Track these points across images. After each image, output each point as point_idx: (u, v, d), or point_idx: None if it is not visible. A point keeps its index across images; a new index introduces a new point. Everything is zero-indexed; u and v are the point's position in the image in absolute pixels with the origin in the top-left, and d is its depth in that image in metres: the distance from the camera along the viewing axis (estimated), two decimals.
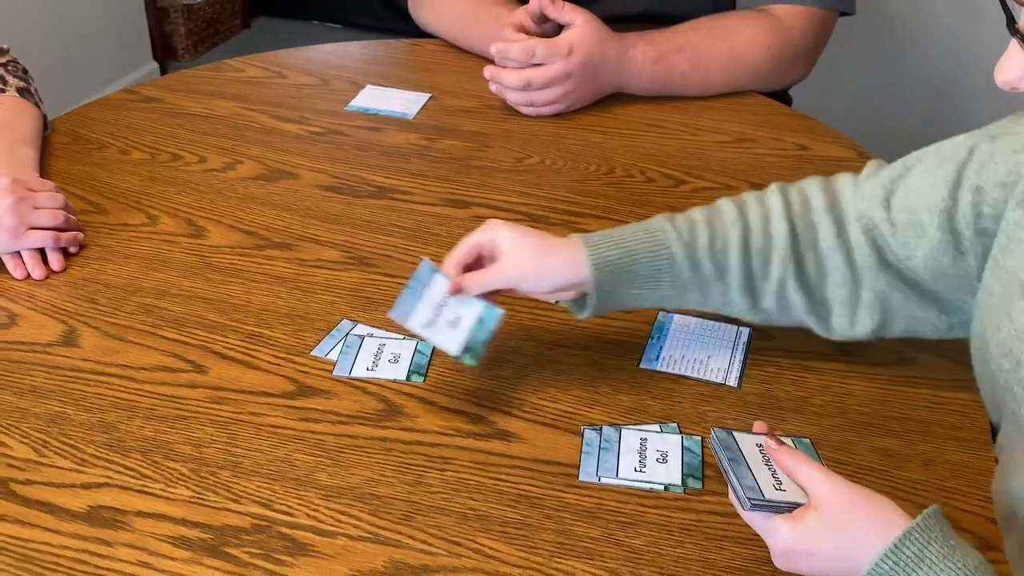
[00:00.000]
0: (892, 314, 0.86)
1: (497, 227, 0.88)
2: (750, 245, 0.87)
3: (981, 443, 0.86)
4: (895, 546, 0.63)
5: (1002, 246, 0.75)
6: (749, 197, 0.91)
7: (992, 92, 0.72)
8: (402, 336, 0.95)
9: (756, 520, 0.69)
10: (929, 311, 0.84)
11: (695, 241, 0.87)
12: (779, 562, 0.69)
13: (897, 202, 0.83)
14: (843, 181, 0.90)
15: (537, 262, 0.86)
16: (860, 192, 0.87)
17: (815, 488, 0.67)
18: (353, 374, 0.91)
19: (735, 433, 0.73)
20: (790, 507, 0.68)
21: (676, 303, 0.90)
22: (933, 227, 0.80)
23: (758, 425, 0.75)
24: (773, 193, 0.90)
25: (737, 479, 0.69)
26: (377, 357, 0.93)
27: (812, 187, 0.90)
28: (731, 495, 0.71)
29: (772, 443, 0.72)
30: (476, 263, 0.88)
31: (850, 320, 0.87)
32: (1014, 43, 0.62)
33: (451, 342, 0.86)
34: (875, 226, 0.85)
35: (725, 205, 0.90)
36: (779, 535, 0.67)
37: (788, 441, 0.73)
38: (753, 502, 0.68)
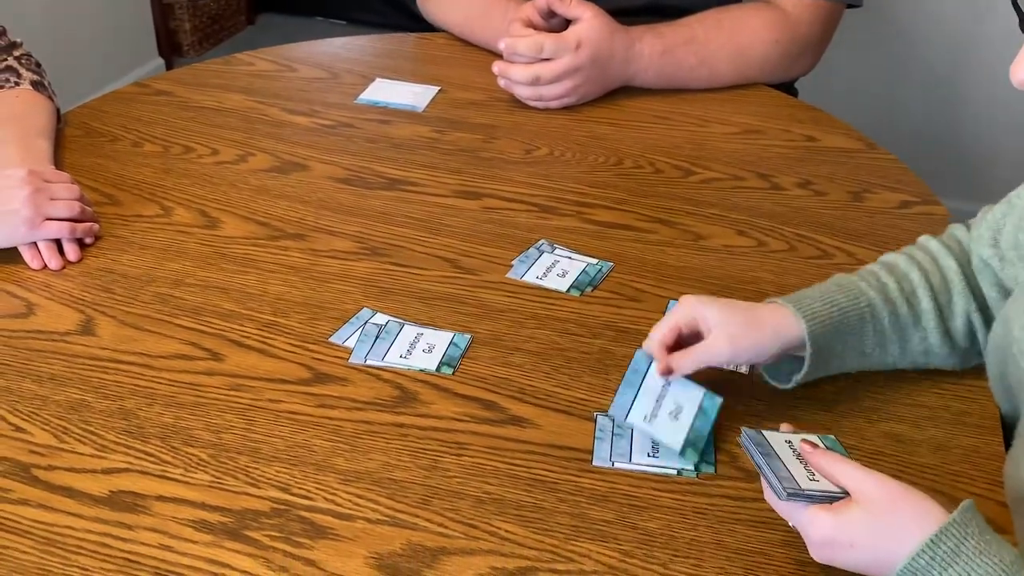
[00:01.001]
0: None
1: (698, 303, 0.85)
2: (932, 283, 0.88)
3: (989, 428, 0.87)
4: (932, 542, 0.64)
5: None
6: (911, 248, 0.93)
7: (994, 84, 0.73)
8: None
9: (793, 512, 0.70)
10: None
11: (885, 287, 0.88)
12: (817, 553, 0.69)
13: (1004, 240, 0.86)
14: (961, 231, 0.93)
15: (748, 330, 0.83)
16: (973, 235, 0.90)
17: (857, 483, 0.68)
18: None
19: (764, 432, 0.75)
20: (825, 497, 0.69)
21: (878, 360, 0.89)
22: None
23: (784, 426, 0.77)
24: (929, 241, 0.93)
25: (772, 471, 0.70)
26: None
27: (959, 230, 0.93)
28: (765, 489, 0.72)
29: (807, 447, 0.73)
30: (678, 343, 0.85)
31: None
32: None
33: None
34: (986, 263, 0.87)
35: (891, 257, 0.92)
36: (819, 525, 0.68)
37: (815, 439, 0.74)
38: (789, 492, 0.68)
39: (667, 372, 0.83)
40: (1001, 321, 0.80)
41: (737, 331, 0.82)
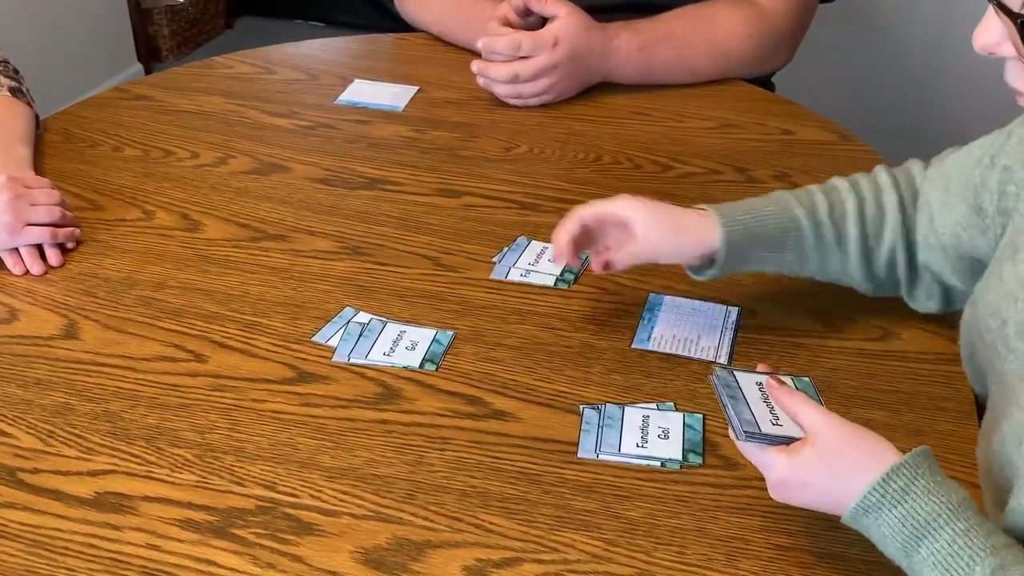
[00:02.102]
0: (950, 289, 0.91)
1: (630, 205, 0.93)
2: (865, 214, 0.92)
3: (965, 412, 0.88)
4: (883, 479, 0.66)
5: (1017, 224, 0.79)
6: (859, 176, 0.96)
7: (971, 75, 0.74)
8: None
9: (752, 452, 0.72)
10: (965, 286, 0.89)
11: (815, 208, 0.92)
12: (774, 492, 0.71)
13: (954, 187, 0.88)
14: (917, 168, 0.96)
15: (672, 238, 0.92)
16: (928, 174, 0.92)
17: (812, 424, 0.70)
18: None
19: (736, 372, 0.76)
20: (785, 440, 0.70)
21: (794, 269, 0.94)
22: (962, 202, 0.84)
23: (761, 366, 0.78)
24: (881, 171, 0.95)
25: (735, 413, 0.72)
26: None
27: (916, 167, 0.95)
28: (729, 429, 0.73)
29: (772, 382, 0.74)
30: (586, 233, 0.94)
31: (927, 292, 0.93)
32: (991, 9, 0.64)
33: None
34: (929, 204, 0.90)
35: (838, 181, 0.95)
36: (776, 466, 0.70)
37: (788, 380, 0.75)
38: (748, 434, 0.70)
39: (604, 267, 0.93)
40: (970, 303, 0.82)
41: (664, 234, 0.92)
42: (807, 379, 0.80)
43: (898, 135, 2.24)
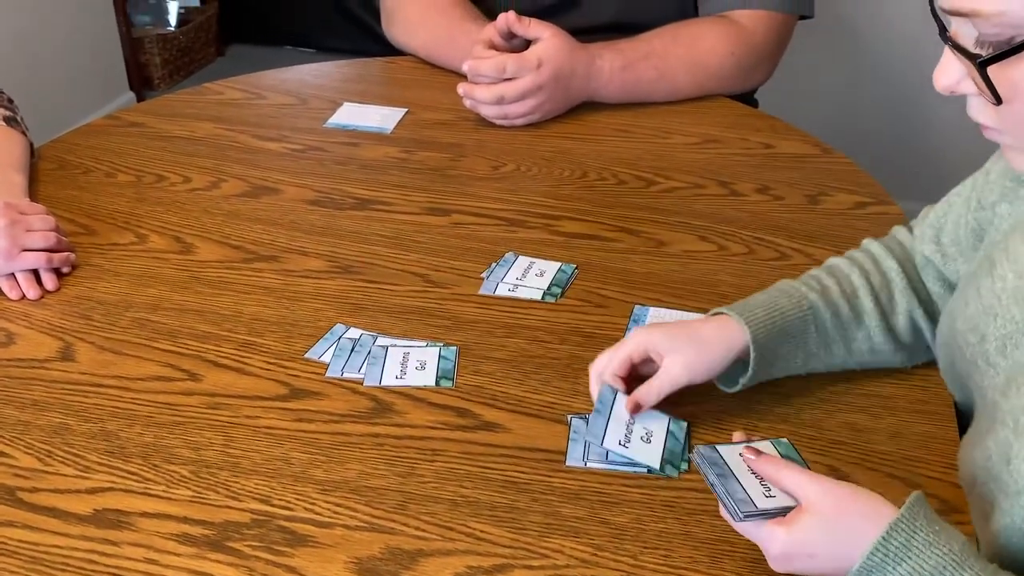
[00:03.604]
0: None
1: (644, 333, 0.88)
2: (873, 284, 0.92)
3: (943, 415, 0.90)
4: (883, 539, 0.66)
5: (990, 237, 0.81)
6: (852, 252, 0.97)
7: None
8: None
9: (751, 530, 0.71)
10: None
11: (827, 290, 0.91)
12: (777, 565, 0.71)
13: (946, 237, 0.90)
14: (903, 234, 0.97)
15: (698, 352, 0.86)
16: (916, 234, 0.94)
17: (802, 491, 0.70)
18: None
19: (718, 447, 0.76)
20: (781, 512, 0.70)
21: (822, 358, 0.91)
22: (971, 250, 0.86)
23: (736, 435, 0.78)
24: (870, 243, 0.97)
25: (728, 494, 0.71)
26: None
27: (901, 232, 0.97)
28: (722, 509, 0.73)
29: (749, 454, 0.74)
30: (633, 371, 0.88)
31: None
32: (948, 50, 0.66)
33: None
34: (929, 261, 0.92)
35: (834, 260, 0.96)
36: (775, 541, 0.69)
37: (766, 445, 0.76)
38: (745, 514, 0.70)
39: (636, 409, 0.86)
40: (946, 315, 0.84)
41: (690, 356, 0.86)
42: (786, 440, 0.80)
43: (877, 148, 2.28)
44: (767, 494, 0.72)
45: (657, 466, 0.85)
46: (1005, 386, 0.73)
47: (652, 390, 0.86)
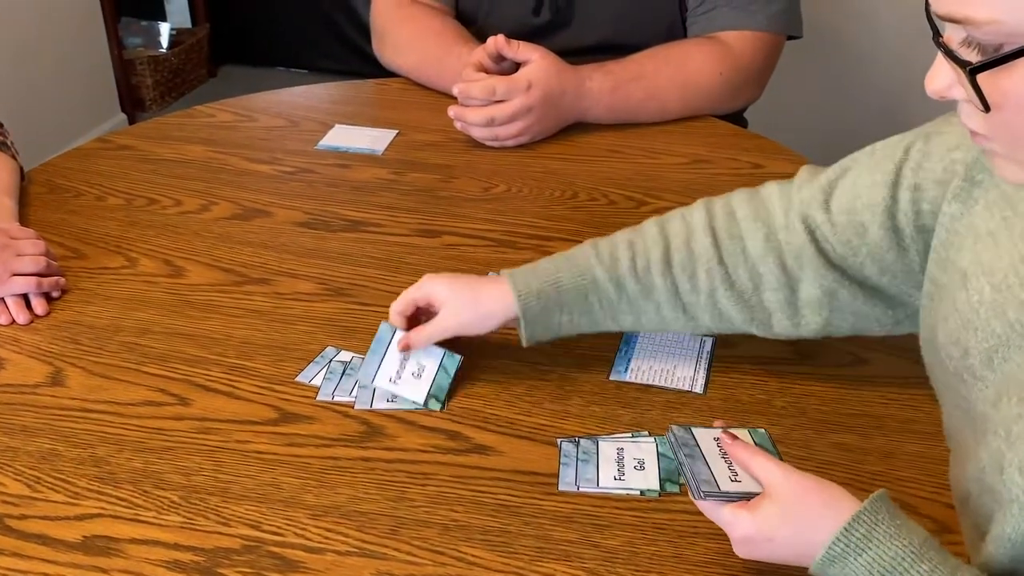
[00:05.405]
0: (839, 312, 0.90)
1: (431, 281, 0.96)
2: (672, 262, 0.92)
3: (934, 434, 0.90)
4: (846, 528, 0.67)
5: (942, 240, 0.80)
6: (673, 215, 0.96)
7: (937, 109, 0.76)
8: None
9: (711, 510, 0.73)
10: (875, 307, 0.89)
11: (616, 263, 0.93)
12: (740, 550, 0.73)
13: (836, 203, 0.88)
14: (770, 189, 0.94)
15: (473, 308, 0.94)
16: (798, 196, 0.91)
17: (769, 478, 0.72)
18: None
19: (694, 429, 0.77)
20: (744, 497, 0.72)
21: (613, 326, 0.95)
22: (875, 226, 0.85)
23: (718, 422, 0.80)
24: (697, 208, 0.95)
25: (692, 473, 0.73)
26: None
27: (737, 198, 0.95)
28: (689, 492, 0.74)
29: (726, 439, 0.76)
30: (415, 315, 0.97)
31: (792, 321, 0.91)
32: (940, 55, 0.67)
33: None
34: (816, 227, 0.89)
35: (648, 226, 0.96)
36: (739, 524, 0.71)
37: (743, 434, 0.77)
38: (706, 493, 0.72)
39: (405, 348, 0.95)
40: (924, 327, 0.84)
41: (463, 307, 0.94)
42: (763, 431, 0.81)
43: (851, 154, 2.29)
44: (733, 479, 0.73)
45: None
46: (995, 398, 0.74)
47: (422, 335, 0.95)
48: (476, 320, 0.94)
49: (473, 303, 0.94)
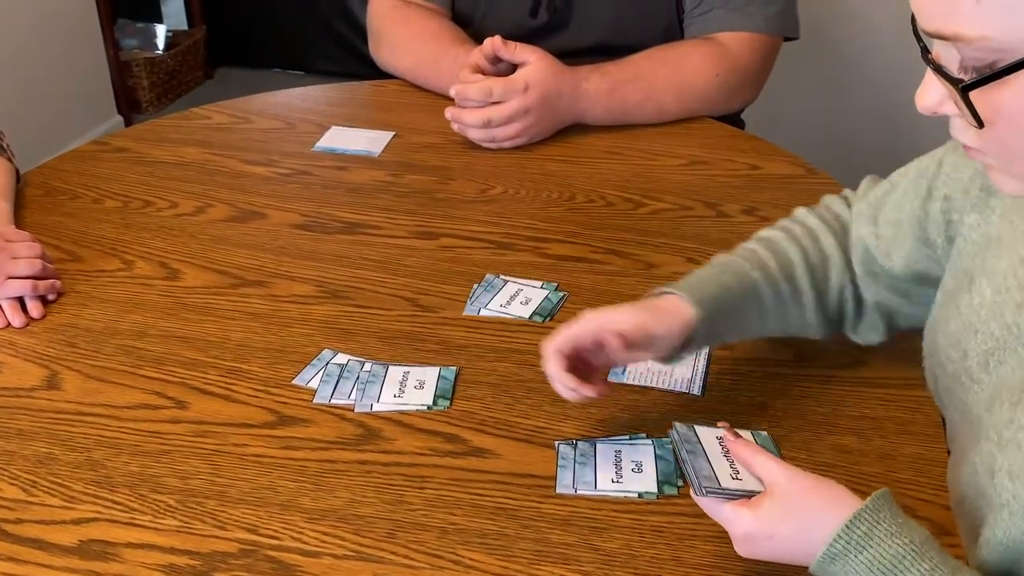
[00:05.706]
0: (894, 316, 0.92)
1: (602, 314, 0.86)
2: (811, 264, 0.92)
3: (932, 436, 0.90)
4: (846, 527, 0.67)
5: (960, 249, 0.81)
6: (787, 222, 0.97)
7: None
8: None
9: (716, 508, 0.73)
10: (916, 307, 0.90)
11: (766, 267, 0.92)
12: (740, 547, 0.73)
13: (883, 217, 0.90)
14: (840, 205, 0.97)
15: (655, 324, 0.85)
16: (854, 211, 0.94)
17: (770, 476, 0.72)
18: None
19: (696, 427, 0.77)
20: (745, 495, 0.72)
21: (756, 333, 0.95)
22: (911, 237, 0.86)
23: (722, 423, 0.80)
24: (806, 215, 0.96)
25: (694, 470, 0.73)
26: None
27: (837, 203, 0.97)
28: (691, 489, 0.74)
29: (729, 436, 0.76)
30: (578, 357, 0.87)
31: (871, 325, 0.94)
32: (930, 72, 0.67)
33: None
34: (862, 240, 0.91)
35: (769, 232, 0.96)
36: (740, 521, 0.71)
37: (746, 434, 0.77)
38: (707, 489, 0.72)
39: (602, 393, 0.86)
40: (928, 330, 0.84)
41: (646, 321, 0.85)
42: (765, 433, 0.81)
43: (864, 166, 2.29)
44: (734, 476, 0.73)
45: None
46: (989, 401, 0.74)
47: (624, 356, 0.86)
48: (664, 340, 0.86)
49: (655, 318, 0.86)
